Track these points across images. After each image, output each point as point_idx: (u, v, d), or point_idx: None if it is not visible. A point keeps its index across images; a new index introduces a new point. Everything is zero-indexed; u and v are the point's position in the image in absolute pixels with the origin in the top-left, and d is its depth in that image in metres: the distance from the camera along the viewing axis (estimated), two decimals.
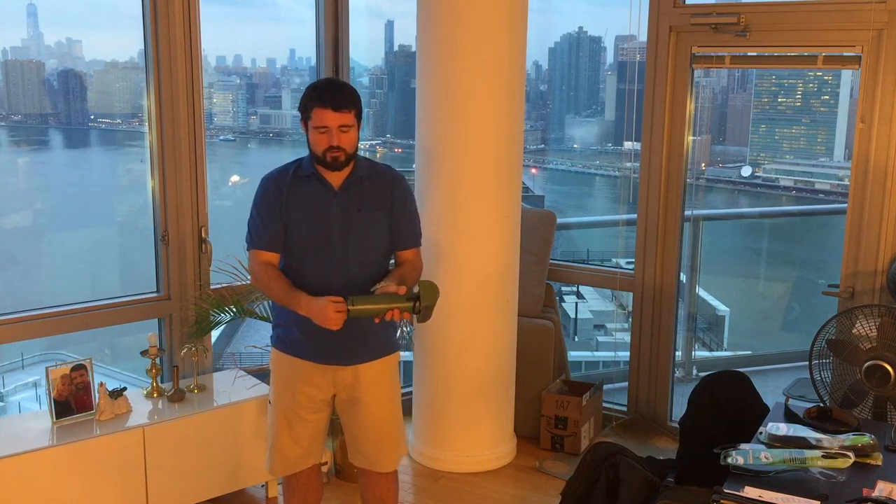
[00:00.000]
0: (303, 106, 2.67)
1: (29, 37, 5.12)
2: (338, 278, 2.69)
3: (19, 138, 5.41)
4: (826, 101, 6.50)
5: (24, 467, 3.11)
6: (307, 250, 2.72)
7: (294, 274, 2.74)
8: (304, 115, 2.68)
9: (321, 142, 2.63)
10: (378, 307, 2.55)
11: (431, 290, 2.57)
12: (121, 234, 5.64)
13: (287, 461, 2.93)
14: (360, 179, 2.74)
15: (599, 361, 6.12)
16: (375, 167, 2.82)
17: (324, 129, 2.61)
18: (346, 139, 2.63)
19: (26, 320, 3.61)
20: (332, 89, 2.66)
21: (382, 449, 2.92)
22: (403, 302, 2.55)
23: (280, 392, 2.87)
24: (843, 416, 2.99)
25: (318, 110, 2.61)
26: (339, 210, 2.71)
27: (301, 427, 2.87)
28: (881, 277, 3.79)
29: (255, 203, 2.77)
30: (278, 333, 2.86)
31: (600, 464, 3.13)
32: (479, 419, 4.09)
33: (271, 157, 7.14)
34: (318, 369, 2.80)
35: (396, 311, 2.55)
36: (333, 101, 2.60)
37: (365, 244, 2.74)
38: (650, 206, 4.35)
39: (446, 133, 3.82)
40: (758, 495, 2.41)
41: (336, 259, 2.70)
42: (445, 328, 3.96)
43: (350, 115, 2.63)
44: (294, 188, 2.73)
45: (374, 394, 2.85)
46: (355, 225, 2.71)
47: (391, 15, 6.63)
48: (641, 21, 4.24)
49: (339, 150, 2.63)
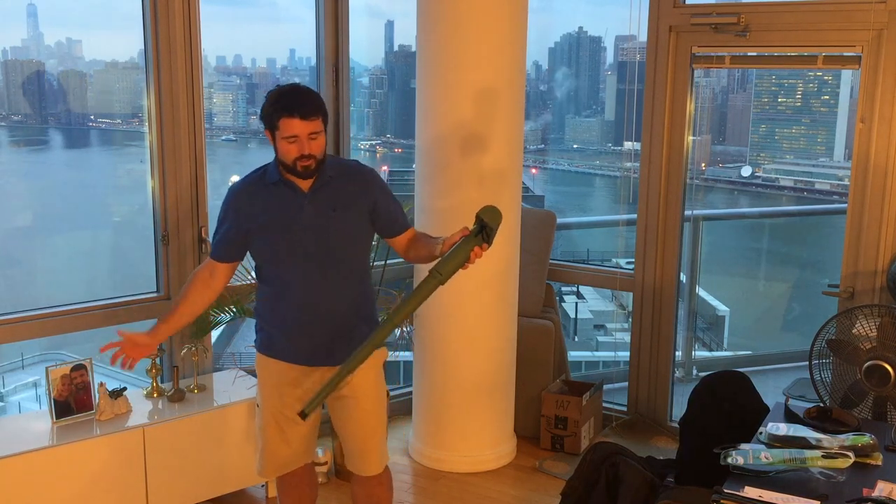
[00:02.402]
0: (267, 116, 2.58)
1: (29, 37, 5.12)
2: (319, 279, 2.66)
3: (19, 138, 5.41)
4: (826, 101, 6.50)
5: (24, 467, 3.10)
6: (282, 256, 2.67)
7: (273, 280, 2.72)
8: (269, 125, 2.58)
9: (291, 151, 2.55)
10: (460, 258, 2.47)
11: (493, 213, 2.48)
12: (121, 235, 5.65)
13: (278, 462, 2.90)
14: (330, 179, 2.67)
15: (599, 361, 6.12)
16: (343, 164, 2.78)
17: (293, 138, 2.53)
18: (316, 146, 2.56)
19: (26, 320, 3.60)
20: (297, 96, 2.57)
21: (368, 449, 2.87)
22: (474, 239, 2.47)
23: (267, 395, 2.83)
24: (843, 416, 2.99)
25: (285, 120, 2.53)
26: (312, 212, 2.64)
27: (291, 429, 2.83)
28: (881, 277, 3.79)
29: (220, 213, 2.74)
30: (261, 337, 2.81)
31: (600, 464, 3.13)
32: (479, 419, 4.09)
33: (271, 157, 7.13)
34: (303, 372, 2.76)
35: (476, 249, 2.46)
36: (301, 109, 2.52)
37: (345, 242, 2.69)
38: (650, 206, 4.35)
39: (446, 133, 3.82)
40: (758, 495, 2.41)
41: (316, 261, 2.66)
42: (445, 328, 3.96)
43: (318, 121, 2.56)
44: (262, 197, 2.67)
45: (360, 391, 2.80)
46: (333, 224, 2.66)
47: (391, 15, 6.64)
48: (641, 21, 4.24)
49: (310, 157, 2.56)
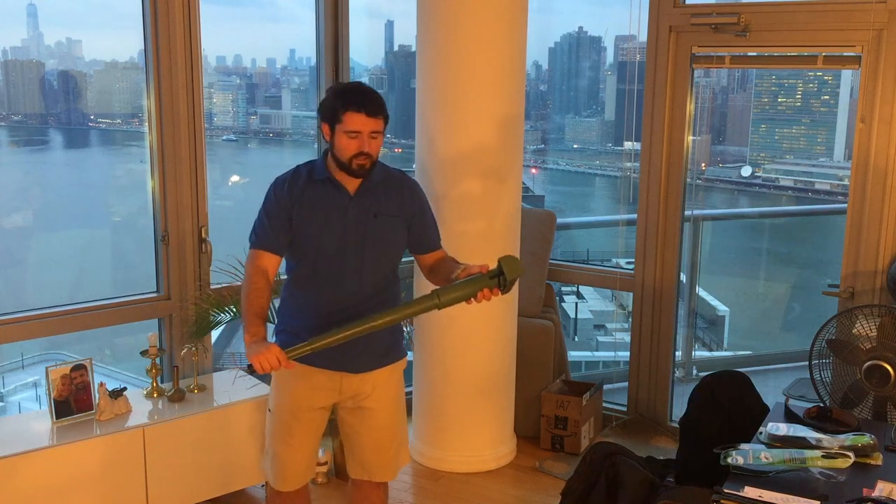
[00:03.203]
0: (330, 109, 2.57)
1: (29, 37, 5.11)
2: (350, 283, 2.65)
3: (19, 138, 5.40)
4: (826, 101, 6.50)
5: (24, 467, 3.11)
6: (321, 255, 2.66)
7: (306, 280, 2.70)
8: (331, 119, 2.57)
9: (350, 147, 2.55)
10: (466, 292, 2.48)
11: (514, 263, 2.50)
12: (120, 234, 5.64)
13: (290, 472, 2.83)
14: (376, 185, 2.67)
15: (599, 361, 6.12)
16: (389, 172, 2.77)
17: (355, 133, 2.53)
18: (374, 146, 2.57)
19: (26, 320, 3.61)
20: (365, 94, 2.58)
21: (384, 457, 2.85)
22: (487, 281, 2.48)
23: (282, 399, 2.79)
24: (843, 416, 2.99)
25: (351, 114, 2.53)
26: (355, 215, 2.64)
27: (301, 432, 2.79)
28: (881, 277, 3.79)
29: (265, 204, 2.70)
30: (283, 339, 2.73)
31: (600, 464, 3.13)
32: (479, 419, 4.09)
33: (271, 157, 7.13)
34: (325, 376, 2.73)
35: (486, 290, 2.48)
36: (368, 107, 2.53)
37: (381, 249, 2.69)
38: (650, 206, 4.35)
39: (446, 133, 3.82)
40: (758, 495, 2.41)
41: (350, 264, 2.65)
42: (445, 328, 3.97)
43: (381, 121, 2.57)
44: (308, 192, 2.66)
45: (380, 401, 2.79)
46: (372, 230, 2.66)
47: (391, 15, 6.63)
48: (641, 21, 4.24)
49: (367, 156, 2.56)
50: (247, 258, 2.73)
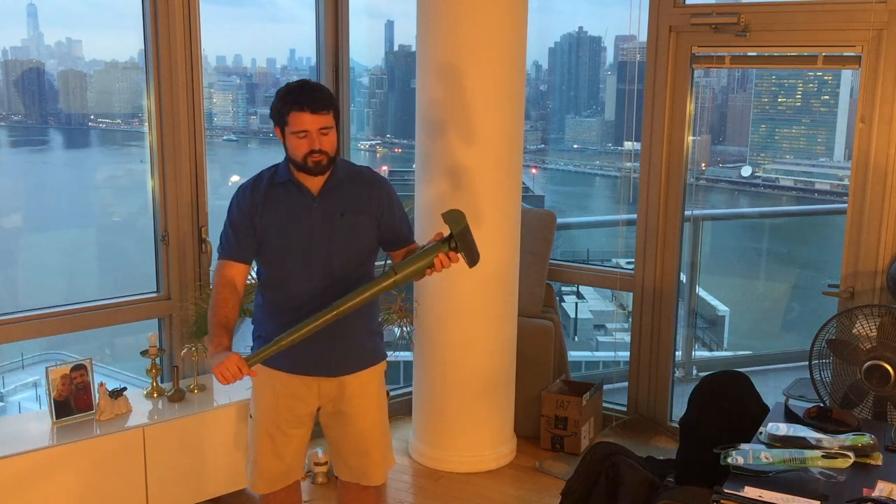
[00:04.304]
0: (276, 111, 2.54)
1: (29, 37, 5.11)
2: (321, 283, 2.61)
3: (19, 138, 5.40)
4: (826, 101, 6.50)
5: (24, 467, 3.10)
6: (288, 257, 2.63)
7: (276, 284, 2.67)
8: (278, 121, 2.54)
9: (301, 147, 2.51)
10: (422, 263, 2.45)
11: (455, 216, 2.40)
12: (121, 234, 5.65)
13: (270, 476, 2.81)
14: (341, 182, 2.63)
15: (599, 361, 6.12)
16: (355, 169, 2.73)
17: (303, 133, 2.49)
18: (326, 142, 2.52)
19: (26, 320, 3.61)
20: (308, 91, 2.52)
21: (371, 462, 2.81)
22: (440, 245, 2.43)
23: (262, 406, 2.75)
24: (843, 416, 2.99)
25: (295, 114, 2.49)
26: (320, 215, 2.60)
27: (284, 442, 2.75)
28: (881, 277, 3.79)
29: (228, 212, 2.68)
30: (259, 345, 2.70)
31: (600, 464, 3.13)
32: (479, 419, 4.09)
33: (271, 157, 7.13)
34: (301, 382, 2.69)
35: (442, 256, 2.43)
36: (311, 104, 2.48)
37: (349, 248, 2.65)
38: (650, 206, 4.35)
39: (446, 133, 3.82)
40: (758, 495, 2.41)
41: (319, 265, 2.61)
42: (445, 328, 3.97)
43: (329, 116, 2.51)
44: (270, 195, 2.62)
45: (360, 405, 2.75)
46: (339, 229, 2.62)
47: (391, 15, 6.63)
48: (641, 21, 4.24)
49: (321, 153, 2.51)
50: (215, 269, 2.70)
